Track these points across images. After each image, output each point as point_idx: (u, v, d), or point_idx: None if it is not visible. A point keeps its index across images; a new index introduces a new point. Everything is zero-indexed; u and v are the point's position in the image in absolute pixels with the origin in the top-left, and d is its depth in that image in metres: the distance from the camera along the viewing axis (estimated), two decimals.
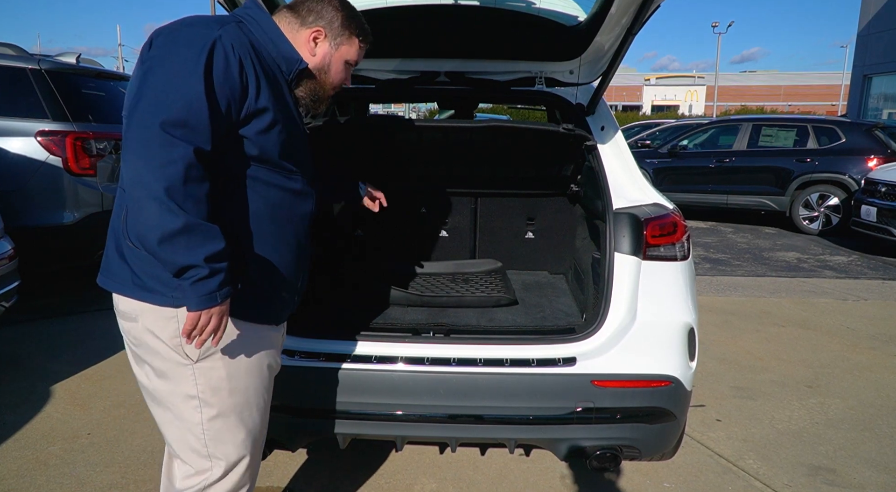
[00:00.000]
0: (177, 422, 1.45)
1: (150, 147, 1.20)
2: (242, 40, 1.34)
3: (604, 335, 2.04)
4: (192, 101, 1.23)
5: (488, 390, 2.00)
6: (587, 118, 2.47)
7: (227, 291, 1.28)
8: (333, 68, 1.52)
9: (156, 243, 1.20)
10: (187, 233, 1.20)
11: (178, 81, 1.24)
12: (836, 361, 3.90)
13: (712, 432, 2.93)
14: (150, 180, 1.19)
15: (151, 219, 1.19)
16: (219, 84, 1.27)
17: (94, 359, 3.59)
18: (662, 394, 2.04)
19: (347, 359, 2.01)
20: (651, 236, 2.10)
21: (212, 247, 1.24)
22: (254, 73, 1.33)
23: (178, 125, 1.22)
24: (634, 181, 2.31)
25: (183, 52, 1.25)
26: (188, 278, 1.23)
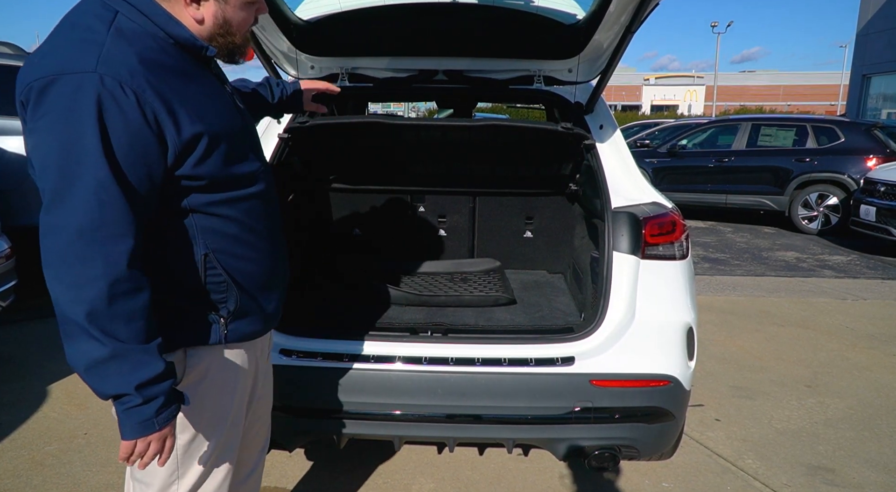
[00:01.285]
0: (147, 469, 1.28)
1: (62, 262, 1.02)
2: (127, 58, 1.06)
3: (602, 335, 2.04)
4: (99, 193, 1.01)
5: (486, 390, 1.99)
6: (586, 117, 2.46)
7: (168, 414, 1.13)
8: (235, 22, 1.22)
9: (82, 370, 1.06)
10: (116, 360, 1.05)
11: (76, 174, 1.01)
12: (835, 360, 3.89)
13: (711, 431, 2.92)
14: (67, 304, 1.02)
15: (75, 344, 1.04)
16: (125, 151, 1.04)
17: None
18: (661, 394, 2.04)
19: (345, 358, 2.00)
20: (650, 235, 2.09)
21: (145, 373, 1.07)
22: (158, 98, 1.06)
23: (89, 230, 1.01)
24: (633, 180, 2.31)
25: (69, 131, 1.01)
26: (120, 404, 1.09)
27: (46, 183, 1.04)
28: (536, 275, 3.09)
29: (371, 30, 2.42)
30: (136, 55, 1.08)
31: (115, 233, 1.04)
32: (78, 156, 1.02)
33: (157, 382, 1.10)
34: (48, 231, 1.03)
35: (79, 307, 1.02)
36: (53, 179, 1.03)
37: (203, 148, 1.14)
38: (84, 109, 1.01)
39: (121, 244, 1.04)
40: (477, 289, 2.68)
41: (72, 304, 1.02)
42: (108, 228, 1.03)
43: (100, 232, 1.02)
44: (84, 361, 1.05)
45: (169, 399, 1.13)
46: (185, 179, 1.15)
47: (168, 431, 1.16)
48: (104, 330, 1.03)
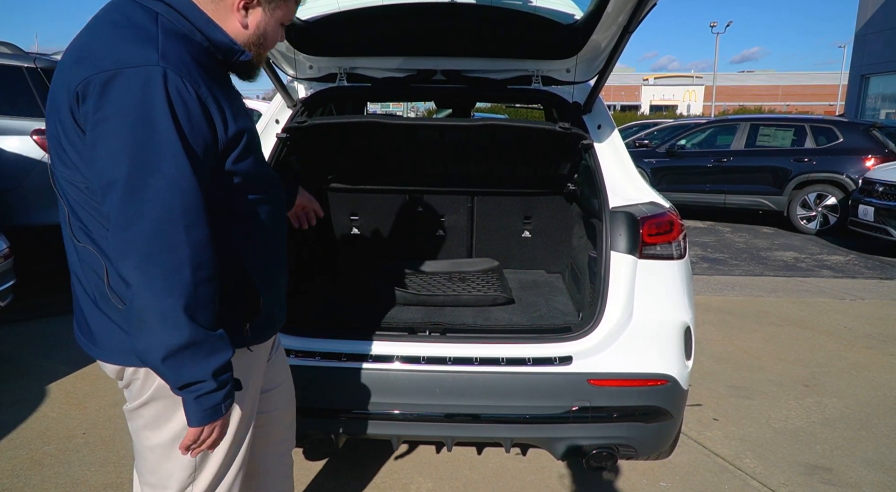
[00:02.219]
0: (161, 450, 1.30)
1: (148, 252, 1.02)
2: (181, 53, 1.09)
3: (600, 334, 2.04)
4: (179, 182, 1.03)
5: (484, 389, 2.00)
6: (584, 117, 2.46)
7: (231, 400, 1.17)
8: (270, 36, 1.27)
9: (159, 360, 1.06)
10: (194, 347, 1.07)
11: (152, 160, 1.02)
12: (832, 360, 3.90)
13: (709, 431, 2.93)
14: (153, 292, 1.03)
15: (153, 334, 1.05)
16: (192, 142, 1.06)
17: (89, 358, 3.55)
18: (659, 393, 2.04)
19: (343, 358, 2.00)
20: (647, 235, 2.10)
21: (219, 359, 1.11)
22: (209, 94, 1.11)
23: (173, 219, 1.03)
24: (631, 180, 2.31)
25: (141, 121, 1.02)
26: (192, 392, 1.10)
27: (117, 174, 1.03)
28: (535, 274, 3.09)
29: (369, 30, 2.42)
30: (186, 53, 1.10)
31: (195, 221, 1.07)
32: (156, 147, 1.03)
33: (228, 369, 1.13)
34: (128, 222, 1.03)
35: (168, 295, 1.03)
36: (127, 171, 1.02)
37: (243, 145, 1.19)
38: (156, 101, 1.03)
39: (200, 232, 1.07)
40: (475, 288, 2.69)
41: (159, 292, 1.03)
42: (190, 216, 1.06)
43: (182, 220, 1.04)
44: (161, 352, 1.05)
45: (235, 385, 1.17)
46: (224, 176, 1.18)
47: (229, 416, 1.19)
48: (190, 316, 1.05)
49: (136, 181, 1.03)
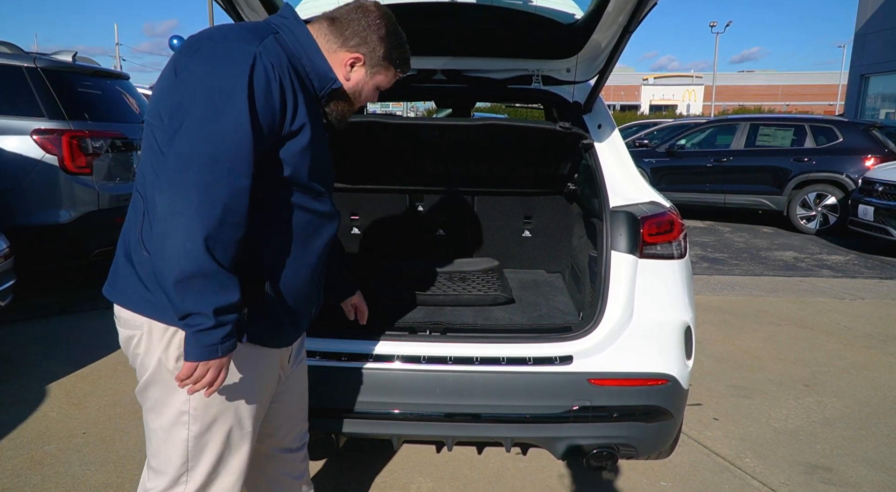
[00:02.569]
0: (162, 433, 1.38)
1: (191, 183, 1.13)
2: (280, 56, 1.27)
3: (600, 334, 2.04)
4: (238, 133, 1.16)
5: (485, 389, 2.00)
6: (584, 116, 2.46)
7: (229, 345, 1.23)
8: (364, 94, 1.46)
9: (171, 283, 1.15)
10: (204, 279, 1.15)
11: (225, 110, 1.16)
12: (832, 359, 3.90)
13: (709, 430, 2.93)
14: (185, 218, 1.13)
15: (173, 256, 1.14)
16: (261, 110, 1.20)
17: (89, 358, 3.58)
18: (659, 392, 2.04)
19: (343, 358, 2.00)
20: (648, 235, 2.10)
21: (224, 298, 1.18)
22: (291, 91, 1.26)
23: (221, 160, 1.15)
24: (631, 179, 2.31)
25: (225, 75, 1.18)
26: (192, 326, 1.18)
27: (188, 110, 1.17)
28: (535, 274, 3.09)
29: None
30: (285, 57, 1.29)
31: (240, 170, 1.18)
32: (227, 99, 1.17)
33: (230, 311, 1.20)
34: (181, 154, 1.15)
35: (197, 224, 1.13)
36: (196, 111, 1.16)
37: (303, 143, 1.30)
38: (241, 66, 1.19)
39: (242, 181, 1.18)
40: (475, 288, 2.68)
41: (187, 219, 1.13)
42: (236, 163, 1.17)
43: (228, 164, 1.16)
44: (176, 274, 1.14)
45: (233, 331, 1.22)
46: (275, 164, 1.29)
47: (226, 362, 1.24)
48: (208, 248, 1.14)
49: (201, 121, 1.16)
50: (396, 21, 1.46)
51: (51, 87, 4.32)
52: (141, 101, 5.37)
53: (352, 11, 1.39)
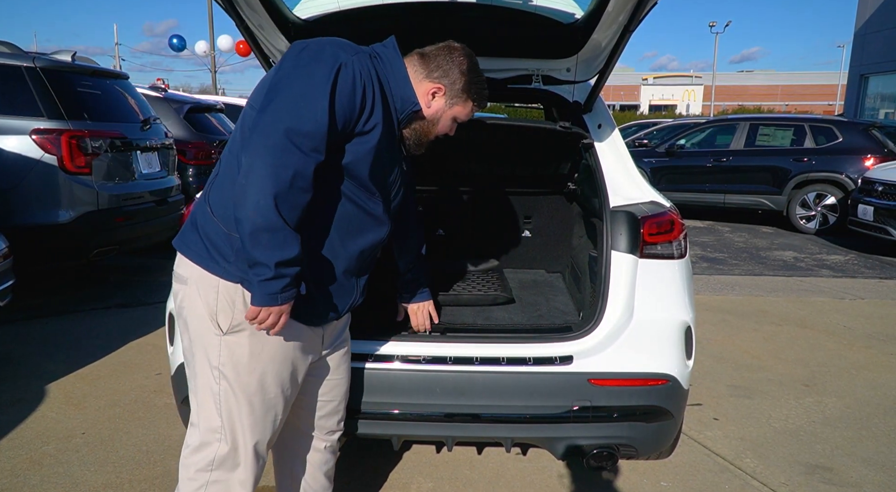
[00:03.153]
0: (201, 387, 1.54)
1: (270, 147, 1.30)
2: (370, 70, 1.44)
3: (600, 334, 2.04)
4: (317, 116, 1.33)
5: (484, 389, 1.99)
6: (584, 116, 2.46)
7: (288, 294, 1.38)
8: (441, 122, 1.62)
9: (246, 233, 1.31)
10: (271, 232, 1.30)
11: (310, 95, 1.33)
12: (833, 359, 3.90)
13: (709, 430, 2.93)
14: (261, 176, 1.29)
15: (249, 209, 1.29)
16: (340, 103, 1.36)
17: (89, 358, 3.58)
18: (659, 392, 2.04)
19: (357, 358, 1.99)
20: (648, 234, 2.09)
21: (286, 253, 1.33)
22: (372, 100, 1.43)
23: (301, 135, 1.31)
24: (631, 179, 2.30)
25: (319, 69, 1.36)
26: (257, 275, 1.34)
27: (280, 91, 1.34)
28: (535, 274, 3.09)
29: (369, 28, 2.41)
30: (375, 74, 1.46)
31: (314, 145, 1.33)
32: (317, 86, 1.34)
33: (290, 265, 1.35)
34: (265, 124, 1.32)
35: (270, 182, 1.28)
36: (291, 90, 1.34)
37: (370, 145, 1.45)
38: (333, 66, 1.37)
39: (314, 154, 1.34)
40: (475, 288, 2.68)
41: (265, 179, 1.28)
42: (312, 139, 1.33)
43: (306, 138, 1.32)
44: (251, 226, 1.30)
45: (292, 283, 1.38)
46: (346, 154, 1.44)
47: (286, 308, 1.40)
48: (277, 206, 1.29)
49: (289, 99, 1.33)
50: (476, 60, 1.62)
51: (50, 86, 4.31)
52: (140, 101, 5.36)
53: (440, 49, 1.59)
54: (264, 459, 1.62)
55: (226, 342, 1.49)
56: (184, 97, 7.55)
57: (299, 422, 1.78)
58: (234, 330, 1.48)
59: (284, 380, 1.57)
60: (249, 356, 1.49)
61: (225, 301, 1.47)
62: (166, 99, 6.78)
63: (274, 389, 1.55)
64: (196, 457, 1.55)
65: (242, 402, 1.51)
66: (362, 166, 1.47)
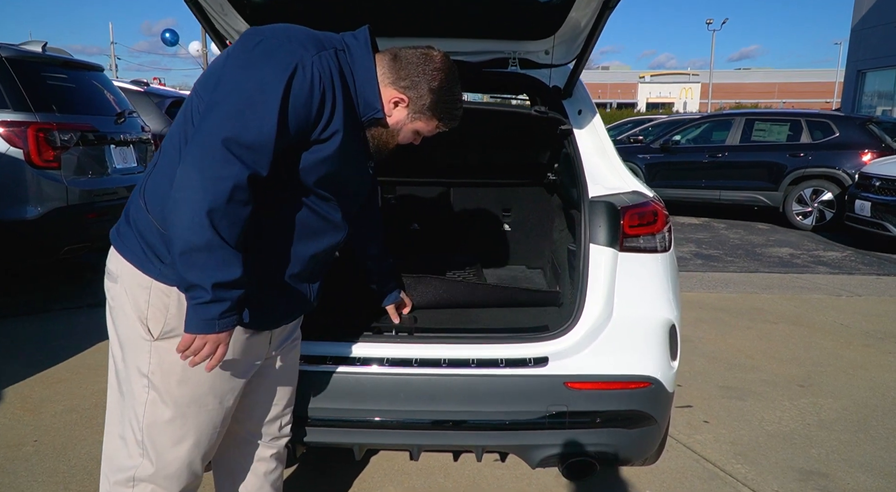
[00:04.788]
0: (125, 396, 1.40)
1: (207, 158, 1.17)
2: (332, 70, 1.29)
3: (578, 333, 1.90)
4: (264, 126, 1.20)
5: (453, 394, 1.85)
6: (564, 102, 2.31)
7: (228, 321, 1.24)
8: (402, 134, 1.48)
9: (178, 253, 1.18)
10: (207, 252, 1.17)
11: (258, 101, 1.20)
12: (829, 358, 3.76)
13: (699, 434, 2.78)
14: (195, 190, 1.16)
15: (182, 226, 1.17)
16: (294, 111, 1.23)
17: (50, 361, 3.41)
18: (641, 396, 1.89)
19: (300, 360, 1.84)
20: (629, 226, 1.95)
21: (225, 274, 1.20)
22: (331, 105, 1.29)
23: (243, 146, 1.19)
24: (613, 168, 2.16)
25: (271, 71, 1.21)
26: (192, 299, 1.21)
27: (233, 94, 1.21)
28: (515, 270, 2.94)
29: (331, 8, 2.26)
30: (338, 73, 1.30)
31: (254, 158, 1.20)
32: (267, 92, 1.20)
33: (230, 287, 1.22)
34: (207, 128, 1.19)
35: (205, 197, 1.15)
36: (238, 95, 1.20)
37: (328, 152, 1.32)
38: (287, 68, 1.21)
39: (255, 167, 1.20)
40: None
41: (200, 192, 1.15)
42: (254, 151, 1.20)
43: (248, 150, 1.19)
44: (183, 245, 1.17)
45: (233, 308, 1.24)
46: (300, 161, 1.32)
47: (224, 337, 1.26)
48: (213, 222, 1.16)
49: (235, 105, 1.19)
50: (455, 76, 1.45)
51: (16, 77, 4.15)
52: (116, 94, 5.19)
53: (416, 54, 1.41)
54: (199, 475, 1.47)
55: (157, 348, 1.35)
56: (165, 91, 7.39)
57: (240, 428, 1.62)
58: (166, 335, 1.35)
59: (224, 390, 1.43)
60: (182, 367, 1.34)
61: (157, 304, 1.33)
62: (147, 93, 6.62)
63: (212, 400, 1.41)
64: (117, 473, 1.41)
65: (173, 414, 1.37)
66: (319, 175, 1.35)
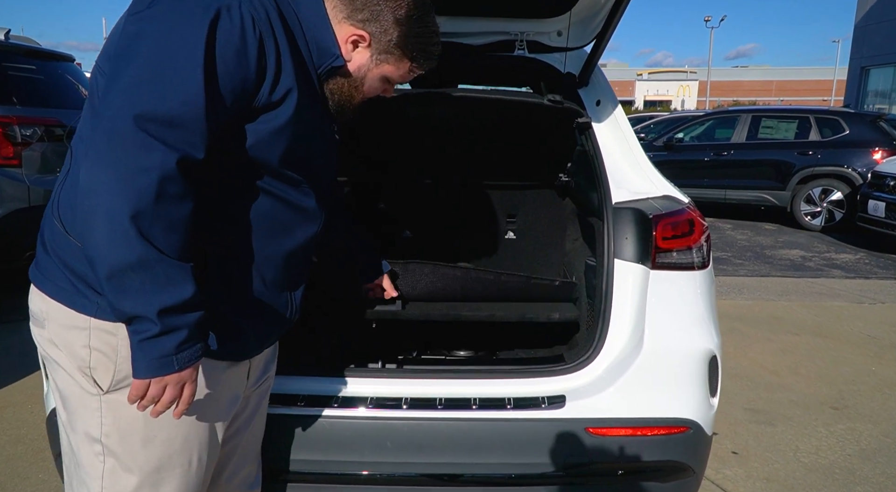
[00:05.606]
0: (73, 466, 1.12)
1: (118, 147, 0.88)
2: (269, 11, 1.02)
3: (601, 366, 1.59)
4: (187, 92, 0.92)
5: (450, 442, 1.54)
6: (580, 91, 1.99)
7: (190, 353, 0.96)
8: (367, 83, 1.19)
9: (103, 278, 0.91)
10: (143, 271, 0.90)
11: (173, 62, 0.92)
12: (860, 375, 3.45)
13: (728, 469, 2.47)
14: (110, 191, 0.88)
15: (101, 243, 0.89)
16: (224, 70, 0.95)
17: (2, 381, 3.07)
18: (678, 443, 1.59)
19: (276, 401, 1.53)
20: (662, 239, 1.63)
21: (171, 296, 0.92)
22: (276, 56, 1.01)
23: (161, 122, 0.90)
24: (640, 168, 1.84)
25: (184, 20, 0.93)
26: (135, 333, 0.93)
27: (137, 60, 0.92)
28: None
29: None
30: (277, 14, 1.03)
31: (182, 137, 0.92)
32: (183, 51, 0.93)
33: (182, 310, 0.94)
34: (114, 109, 0.90)
35: (121, 199, 0.88)
36: (144, 61, 0.92)
37: (282, 120, 1.04)
38: (204, 15, 0.93)
39: (187, 148, 0.93)
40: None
41: (116, 195, 0.88)
42: (179, 127, 0.92)
43: (170, 128, 0.91)
44: (108, 267, 0.90)
45: (193, 335, 0.96)
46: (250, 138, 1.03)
47: (188, 375, 0.98)
48: (142, 229, 0.89)
49: (143, 75, 0.92)
50: (426, 6, 1.15)
51: None
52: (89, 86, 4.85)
53: None
54: None
55: (109, 404, 1.06)
56: None
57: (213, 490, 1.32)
58: (119, 385, 1.05)
59: (202, 443, 1.14)
60: (145, 421, 1.05)
61: (102, 348, 1.05)
62: None
63: (187, 458, 1.12)
64: None
65: (139, 483, 1.08)
66: (278, 152, 1.06)
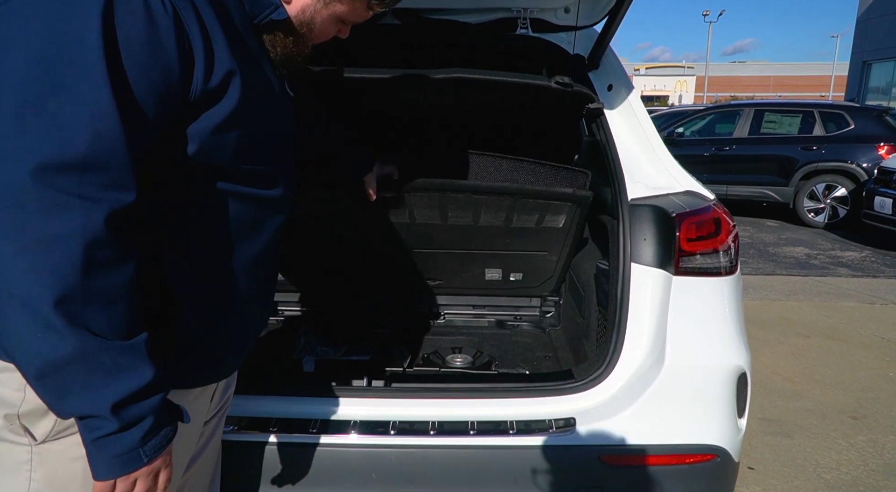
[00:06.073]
0: None
1: (18, 213, 0.67)
2: None
3: (615, 385, 1.41)
4: (94, 118, 0.70)
5: (445, 474, 1.34)
6: (590, 74, 1.79)
7: (159, 440, 0.81)
8: (317, 28, 0.99)
9: (33, 378, 0.74)
10: (83, 363, 0.72)
11: (63, 79, 0.69)
12: (878, 381, 3.27)
13: (746, 487, 2.29)
14: (21, 275, 0.68)
15: (22, 339, 0.71)
16: (138, 69, 0.73)
17: None
18: (704, 474, 1.40)
19: (242, 425, 1.34)
20: (686, 240, 1.44)
21: (126, 386, 0.75)
22: (199, 29, 0.79)
23: (72, 170, 0.69)
24: (658, 160, 1.66)
25: (65, 15, 0.69)
26: (88, 430, 0.76)
27: (9, 83, 0.68)
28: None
29: None
30: None
31: (103, 181, 0.71)
32: (65, 52, 0.69)
33: (142, 396, 0.78)
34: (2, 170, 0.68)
35: (37, 280, 0.68)
36: (20, 81, 0.68)
37: (226, 112, 0.84)
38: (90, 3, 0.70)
39: (112, 194, 0.72)
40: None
41: (27, 274, 0.68)
42: (98, 169, 0.71)
43: (86, 172, 0.70)
44: (36, 367, 0.72)
45: (160, 419, 0.81)
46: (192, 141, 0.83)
47: (161, 462, 0.83)
48: (72, 316, 0.70)
49: (27, 102, 0.68)
50: None
51: None
52: None
53: None
54: None
55: (41, 457, 0.86)
56: None
57: None
58: (60, 435, 0.85)
59: None
60: (85, 470, 0.83)
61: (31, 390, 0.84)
62: None
63: None
64: None
65: None
66: (229, 148, 0.86)
